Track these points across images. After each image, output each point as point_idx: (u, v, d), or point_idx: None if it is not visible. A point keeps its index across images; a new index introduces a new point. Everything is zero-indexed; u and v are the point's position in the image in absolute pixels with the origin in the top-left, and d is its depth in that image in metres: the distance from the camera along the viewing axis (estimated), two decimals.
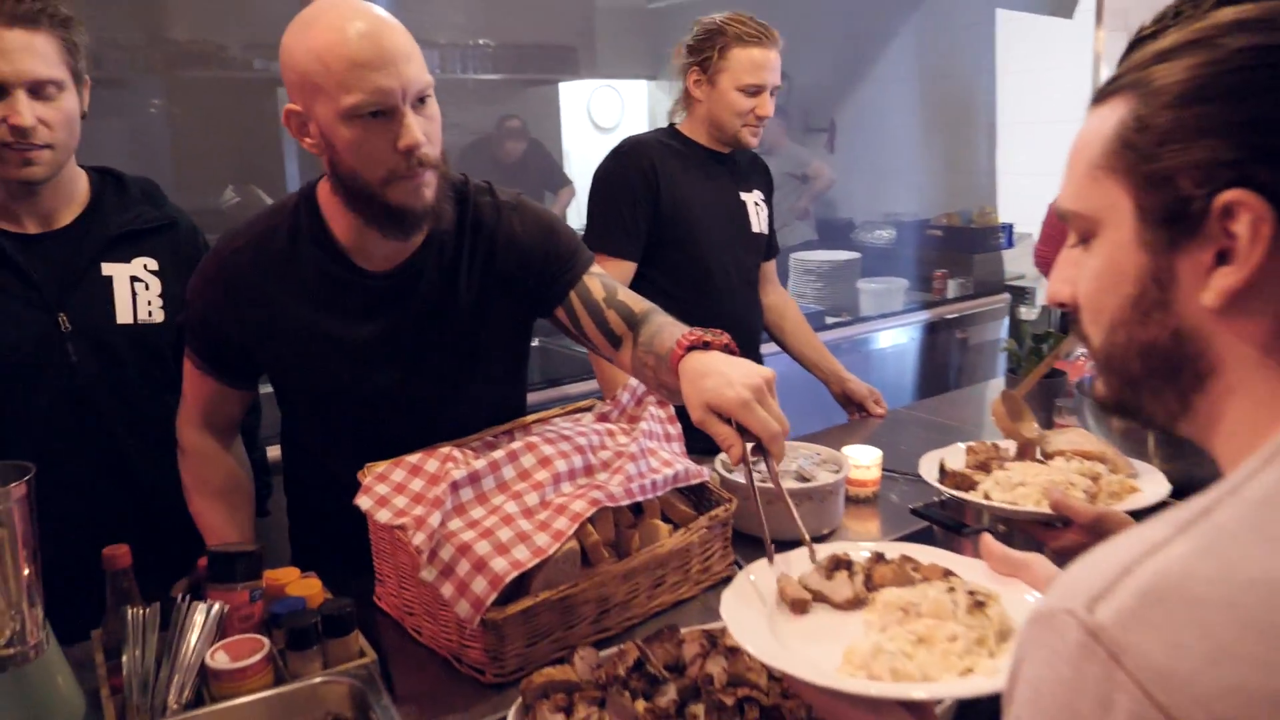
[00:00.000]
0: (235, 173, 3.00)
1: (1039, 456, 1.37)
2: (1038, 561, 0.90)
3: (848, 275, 3.83)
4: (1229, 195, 0.53)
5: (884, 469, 1.74)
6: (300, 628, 1.06)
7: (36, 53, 1.33)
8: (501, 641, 1.15)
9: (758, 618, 0.92)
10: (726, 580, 1.41)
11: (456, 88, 3.56)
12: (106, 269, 1.48)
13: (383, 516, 1.24)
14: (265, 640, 1.07)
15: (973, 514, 1.28)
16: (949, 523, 1.25)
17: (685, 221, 2.06)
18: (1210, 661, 0.43)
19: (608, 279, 1.42)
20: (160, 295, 1.51)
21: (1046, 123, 4.37)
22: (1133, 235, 0.58)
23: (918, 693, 0.76)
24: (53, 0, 1.36)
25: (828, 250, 3.96)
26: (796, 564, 1.02)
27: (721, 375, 1.09)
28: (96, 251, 1.47)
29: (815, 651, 0.86)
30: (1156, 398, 0.61)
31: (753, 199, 2.20)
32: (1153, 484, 1.32)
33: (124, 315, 1.49)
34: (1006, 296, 4.12)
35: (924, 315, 3.84)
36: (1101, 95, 0.61)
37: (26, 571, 0.93)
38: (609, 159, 2.09)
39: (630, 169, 2.04)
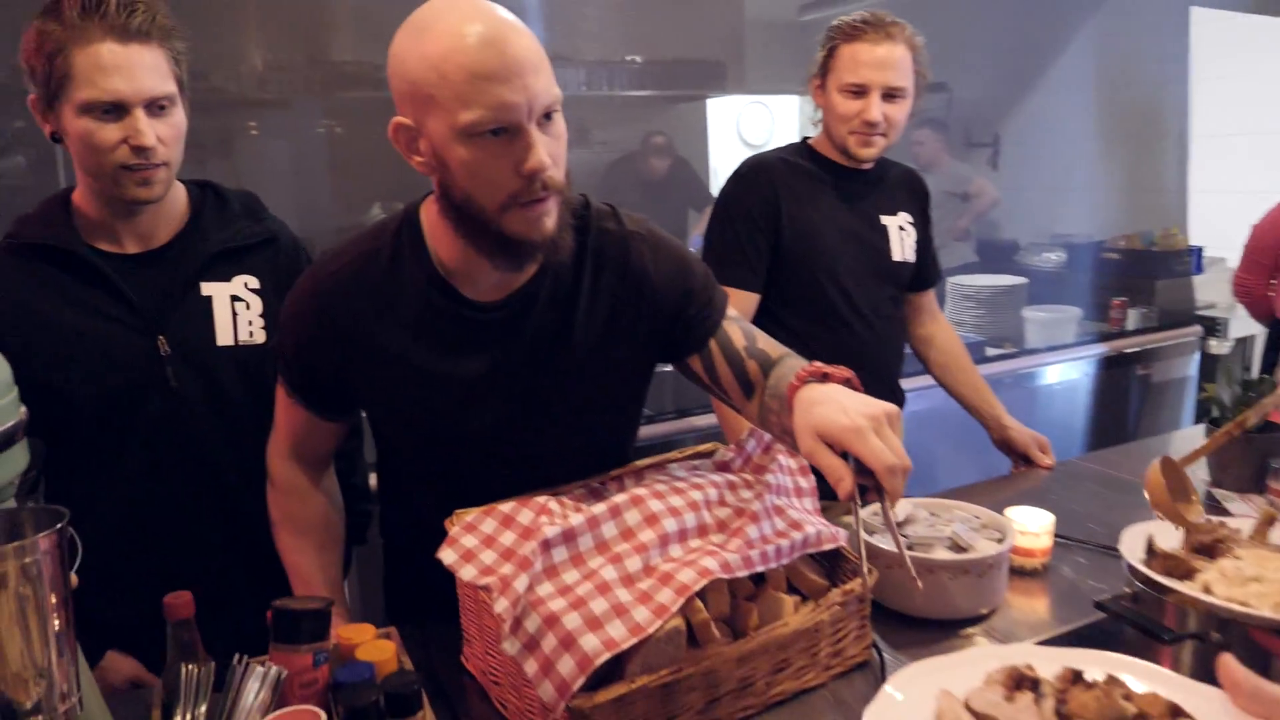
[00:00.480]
0: (387, 191, 3.01)
1: None
2: None
3: (1012, 302, 3.52)
4: None
5: (1055, 534, 1.48)
6: (358, 706, 0.92)
7: (151, 68, 1.28)
8: None
9: None
10: (862, 666, 1.21)
11: (603, 104, 3.49)
12: (206, 289, 1.41)
13: (467, 574, 1.10)
14: (323, 715, 0.94)
15: (1175, 612, 1.01)
16: (1147, 625, 1.00)
17: (809, 248, 1.85)
18: None
19: (744, 323, 1.28)
20: (262, 315, 1.44)
21: (1248, 134, 3.91)
22: None
23: None
24: (159, 9, 1.30)
25: (990, 274, 3.65)
26: (957, 673, 0.81)
27: (835, 403, 1.00)
28: (195, 270, 1.40)
29: None
30: None
31: (897, 222, 1.95)
32: None
33: (224, 337, 1.42)
34: (1197, 329, 3.68)
35: (1099, 348, 3.47)
36: None
37: (57, 624, 0.83)
38: (729, 181, 1.91)
39: (750, 192, 1.86)
